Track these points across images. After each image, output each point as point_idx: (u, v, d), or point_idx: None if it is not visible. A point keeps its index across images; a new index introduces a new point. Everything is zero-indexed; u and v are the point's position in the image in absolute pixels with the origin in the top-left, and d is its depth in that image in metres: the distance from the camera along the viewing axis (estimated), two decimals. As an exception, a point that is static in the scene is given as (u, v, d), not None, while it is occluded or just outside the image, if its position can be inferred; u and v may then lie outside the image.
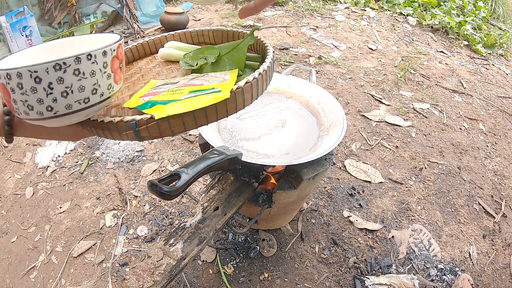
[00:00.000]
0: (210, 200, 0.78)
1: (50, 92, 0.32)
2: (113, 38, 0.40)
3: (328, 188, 1.35)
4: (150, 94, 0.42)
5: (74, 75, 0.33)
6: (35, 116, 0.33)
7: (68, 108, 0.34)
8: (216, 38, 0.60)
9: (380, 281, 1.02)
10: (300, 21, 2.81)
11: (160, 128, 0.35)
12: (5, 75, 0.31)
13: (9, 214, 1.27)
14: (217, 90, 0.38)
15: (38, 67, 0.31)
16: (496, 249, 1.20)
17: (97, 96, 0.35)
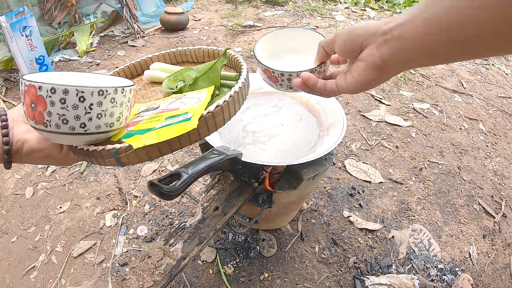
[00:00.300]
0: (210, 200, 0.78)
1: (89, 111, 0.37)
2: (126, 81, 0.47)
3: (328, 188, 1.35)
4: (133, 123, 0.46)
5: (110, 102, 0.38)
6: (65, 130, 0.37)
7: (97, 128, 0.38)
8: (198, 57, 0.64)
9: (380, 281, 1.02)
10: (300, 21, 2.81)
11: (138, 155, 0.39)
12: (49, 88, 0.35)
13: (9, 214, 1.27)
14: (187, 117, 0.42)
15: (85, 88, 0.35)
16: (496, 249, 1.20)
17: (118, 123, 0.41)
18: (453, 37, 0.29)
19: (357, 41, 0.37)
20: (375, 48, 0.35)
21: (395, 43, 0.33)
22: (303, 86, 0.48)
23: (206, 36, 2.56)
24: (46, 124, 0.36)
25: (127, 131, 0.44)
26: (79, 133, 0.38)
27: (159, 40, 2.52)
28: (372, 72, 0.37)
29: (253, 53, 0.56)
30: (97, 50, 2.38)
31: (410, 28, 0.32)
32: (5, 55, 2.06)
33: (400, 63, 0.34)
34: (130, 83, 0.45)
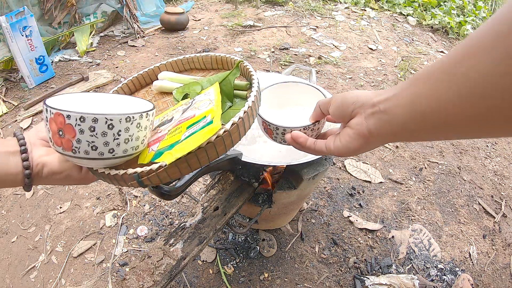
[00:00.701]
0: (210, 200, 0.78)
1: (117, 138, 0.38)
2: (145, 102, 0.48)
3: (328, 188, 1.35)
4: (156, 141, 0.47)
5: (136, 127, 0.40)
6: (94, 156, 0.38)
7: (124, 152, 0.40)
8: (206, 64, 0.64)
9: (380, 281, 1.02)
10: (300, 21, 2.81)
11: (159, 176, 0.40)
12: (78, 117, 0.36)
13: (9, 214, 1.27)
14: (208, 121, 0.43)
15: (114, 116, 0.37)
16: (496, 249, 1.20)
17: (142, 146, 0.43)
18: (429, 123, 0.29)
19: (349, 108, 0.40)
20: (363, 118, 0.38)
21: (381, 116, 0.35)
22: (294, 143, 0.50)
23: (206, 36, 2.56)
24: (74, 151, 0.38)
25: (152, 150, 0.45)
26: (107, 157, 0.39)
27: (159, 40, 2.52)
28: (359, 141, 0.39)
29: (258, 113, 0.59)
30: (97, 50, 2.38)
31: (394, 104, 0.33)
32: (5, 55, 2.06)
33: (385, 136, 0.36)
34: (150, 106, 0.46)
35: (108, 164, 0.42)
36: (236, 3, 3.10)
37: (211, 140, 0.41)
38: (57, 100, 0.42)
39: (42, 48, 1.95)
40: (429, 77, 0.29)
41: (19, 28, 1.80)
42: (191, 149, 0.39)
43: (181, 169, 0.41)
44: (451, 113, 0.27)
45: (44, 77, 2.03)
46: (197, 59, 0.64)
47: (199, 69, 0.66)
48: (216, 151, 0.42)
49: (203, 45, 2.42)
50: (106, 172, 0.42)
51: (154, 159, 0.42)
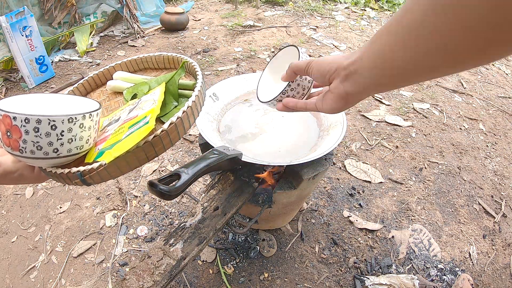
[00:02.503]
0: (210, 200, 0.78)
1: (60, 138, 0.40)
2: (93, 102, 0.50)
3: (328, 188, 1.35)
4: (102, 140, 0.49)
5: (79, 127, 0.41)
6: (39, 155, 0.40)
7: (68, 152, 0.42)
8: (159, 63, 0.67)
9: (380, 281, 1.02)
10: (300, 21, 2.81)
11: (100, 175, 0.42)
12: (23, 118, 0.37)
13: (9, 214, 1.27)
14: (146, 121, 0.44)
15: (56, 117, 0.39)
16: (496, 249, 1.20)
17: (87, 145, 0.45)
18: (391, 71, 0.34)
19: (326, 76, 0.45)
20: (339, 82, 0.42)
21: (354, 77, 0.40)
22: (287, 109, 0.56)
23: (206, 36, 2.56)
24: (21, 151, 0.39)
25: (98, 150, 0.47)
26: (53, 157, 0.41)
27: (159, 40, 2.52)
28: (340, 102, 0.44)
29: None
30: (97, 50, 2.38)
31: (360, 64, 0.38)
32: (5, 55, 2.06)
33: (361, 92, 0.41)
34: (96, 106, 0.48)
35: (55, 163, 0.44)
36: (236, 3, 3.10)
37: (148, 140, 0.43)
38: (9, 101, 0.44)
39: (42, 48, 1.95)
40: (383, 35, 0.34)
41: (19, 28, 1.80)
42: (128, 148, 0.41)
43: (121, 167, 0.43)
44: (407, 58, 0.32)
45: (44, 77, 2.03)
46: (151, 59, 0.66)
47: (153, 68, 0.68)
48: (155, 150, 0.44)
49: (203, 45, 2.42)
50: (53, 171, 0.44)
51: (97, 158, 0.44)
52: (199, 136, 0.97)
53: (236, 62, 2.19)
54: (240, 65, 2.16)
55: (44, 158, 0.41)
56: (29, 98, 0.47)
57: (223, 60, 2.23)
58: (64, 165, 0.47)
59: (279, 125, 0.95)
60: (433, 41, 0.28)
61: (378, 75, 0.36)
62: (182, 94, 0.57)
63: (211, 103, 0.96)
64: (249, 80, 1.06)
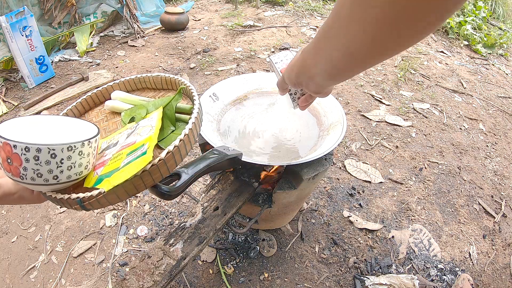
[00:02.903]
0: (210, 200, 0.78)
1: (60, 165, 0.41)
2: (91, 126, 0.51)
3: (328, 188, 1.35)
4: (100, 165, 0.49)
5: (78, 155, 0.43)
6: (39, 182, 0.41)
7: (68, 178, 0.43)
8: (157, 84, 0.67)
9: (380, 281, 1.02)
10: (300, 21, 2.81)
11: (99, 201, 0.43)
12: (23, 147, 0.38)
13: (9, 214, 1.27)
14: (144, 151, 0.45)
15: (56, 146, 0.40)
16: (496, 249, 1.20)
17: (86, 171, 0.46)
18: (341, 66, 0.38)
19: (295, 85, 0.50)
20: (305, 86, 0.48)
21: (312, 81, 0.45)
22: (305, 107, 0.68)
23: (206, 36, 2.56)
24: (22, 177, 0.40)
25: (96, 174, 0.48)
26: (52, 183, 0.42)
27: (159, 40, 2.52)
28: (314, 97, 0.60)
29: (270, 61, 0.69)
30: (97, 50, 2.38)
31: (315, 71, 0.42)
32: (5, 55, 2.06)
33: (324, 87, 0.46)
34: (94, 132, 0.49)
35: (54, 188, 0.45)
36: (236, 3, 3.10)
37: (146, 169, 0.44)
38: (9, 125, 0.45)
39: (42, 48, 1.95)
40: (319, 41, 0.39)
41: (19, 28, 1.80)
42: (126, 178, 0.42)
43: (119, 195, 0.44)
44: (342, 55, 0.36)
45: (44, 77, 2.03)
46: (148, 79, 0.67)
47: (151, 88, 0.69)
48: (152, 178, 0.45)
49: (203, 45, 2.42)
50: (53, 195, 0.45)
51: (96, 184, 0.45)
52: (199, 136, 0.97)
53: (236, 62, 2.19)
54: (240, 65, 2.16)
55: (44, 185, 0.42)
56: (27, 121, 0.48)
57: (223, 60, 2.23)
58: (63, 190, 0.48)
59: (279, 125, 0.95)
60: None
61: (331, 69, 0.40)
62: (179, 118, 0.57)
63: (211, 103, 0.96)
64: (249, 80, 1.06)
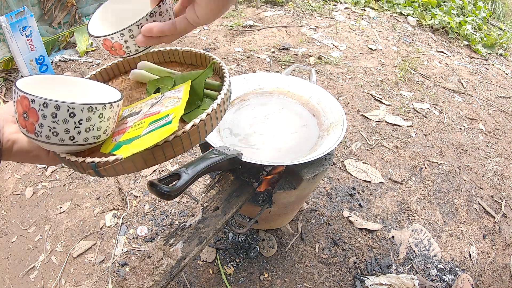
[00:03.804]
0: (210, 200, 0.78)
1: (78, 126, 0.39)
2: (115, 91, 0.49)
3: (328, 188, 1.35)
4: (120, 132, 0.48)
5: (98, 117, 0.41)
6: (54, 141, 0.39)
7: (85, 140, 0.41)
8: (186, 58, 0.65)
9: (380, 281, 1.02)
10: (300, 21, 2.81)
11: (115, 168, 0.41)
12: (42, 102, 0.37)
13: (9, 214, 1.27)
14: (169, 120, 0.43)
15: (76, 105, 0.38)
16: (496, 249, 1.20)
17: (104, 135, 0.44)
18: None
19: None
20: None
21: None
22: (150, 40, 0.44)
23: (206, 36, 2.56)
24: (37, 134, 0.39)
25: (115, 141, 0.46)
26: (68, 144, 0.40)
27: (159, 40, 2.52)
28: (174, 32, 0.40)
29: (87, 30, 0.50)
30: (97, 50, 2.38)
31: None
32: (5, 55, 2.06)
33: None
34: (118, 96, 0.46)
35: (69, 150, 0.43)
36: (236, 3, 3.10)
37: (168, 140, 0.41)
38: (29, 81, 0.43)
39: (42, 48, 1.95)
40: None
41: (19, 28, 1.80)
42: (147, 146, 0.40)
43: (136, 164, 0.42)
44: None
45: (44, 77, 2.03)
46: (178, 53, 0.65)
47: (179, 63, 0.66)
48: (174, 150, 0.43)
49: (203, 45, 2.42)
50: (67, 157, 0.43)
51: (114, 150, 0.43)
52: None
53: (236, 62, 2.19)
54: (240, 65, 2.16)
55: (58, 144, 0.40)
56: (49, 79, 0.46)
57: (223, 60, 2.23)
58: (78, 153, 0.46)
59: (279, 125, 0.95)
60: None
61: None
62: (206, 94, 0.55)
63: (211, 103, 0.96)
64: (249, 80, 1.06)
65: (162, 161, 0.43)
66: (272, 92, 1.06)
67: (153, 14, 0.44)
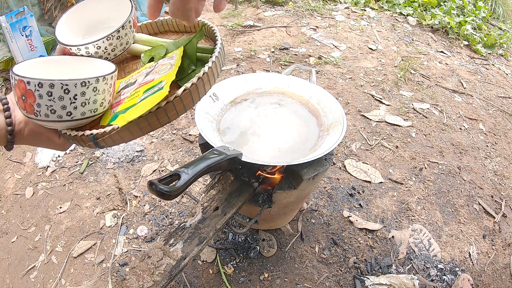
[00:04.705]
0: (210, 200, 0.78)
1: (73, 101, 0.41)
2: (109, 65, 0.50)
3: (328, 188, 1.35)
4: (117, 103, 0.49)
5: (93, 91, 0.42)
6: (53, 118, 0.41)
7: (82, 115, 0.43)
8: (180, 27, 0.66)
9: (380, 281, 1.02)
10: (300, 21, 2.81)
11: (113, 138, 0.43)
12: (36, 83, 0.38)
13: (9, 214, 1.27)
14: (161, 87, 0.44)
15: (69, 82, 0.40)
16: (496, 249, 1.20)
17: (101, 108, 0.45)
18: None
19: None
20: None
21: None
22: None
23: (206, 36, 2.56)
24: (36, 114, 0.41)
25: (113, 112, 0.47)
26: (66, 120, 0.42)
27: (159, 40, 2.52)
28: None
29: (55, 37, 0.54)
30: (97, 50, 2.38)
31: None
32: (5, 55, 2.06)
33: None
34: (111, 69, 0.48)
35: (70, 126, 0.45)
36: (236, 3, 3.10)
37: (161, 105, 0.43)
38: (24, 65, 0.45)
39: (42, 48, 1.95)
40: None
41: (19, 28, 1.80)
42: (141, 113, 0.41)
43: (133, 132, 0.43)
44: None
45: (44, 77, 2.03)
46: (171, 21, 0.66)
47: (173, 31, 0.67)
48: (167, 115, 0.44)
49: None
50: (67, 133, 0.45)
51: (111, 121, 0.45)
52: (199, 136, 0.97)
53: (236, 62, 2.19)
54: (240, 65, 2.16)
55: (58, 121, 0.42)
56: (45, 61, 0.48)
57: (223, 60, 2.23)
58: (79, 127, 0.47)
59: (279, 125, 0.95)
60: None
61: None
62: (200, 57, 0.56)
63: (211, 103, 0.96)
64: (249, 80, 1.06)
65: (157, 127, 0.45)
66: (272, 92, 1.06)
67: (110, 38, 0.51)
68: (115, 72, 0.47)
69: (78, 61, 0.52)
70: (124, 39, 0.53)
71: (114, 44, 0.52)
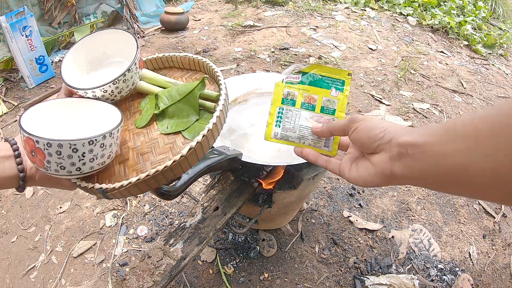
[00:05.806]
0: (210, 200, 0.78)
1: (82, 158, 0.43)
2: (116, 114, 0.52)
3: (328, 188, 1.35)
4: None
5: (100, 147, 0.44)
6: (63, 174, 0.43)
7: (91, 169, 0.45)
8: (184, 64, 0.67)
9: (380, 281, 1.02)
10: (300, 21, 2.81)
11: (121, 193, 0.45)
12: (45, 143, 0.40)
13: (9, 214, 1.27)
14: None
15: (77, 141, 0.41)
16: (496, 249, 1.20)
17: (109, 160, 0.47)
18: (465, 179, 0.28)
19: (374, 142, 0.37)
20: (389, 158, 0.36)
21: (408, 161, 0.33)
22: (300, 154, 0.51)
23: (206, 36, 2.56)
24: (46, 169, 0.42)
25: None
26: (76, 174, 0.44)
27: (159, 40, 2.52)
28: (379, 178, 0.37)
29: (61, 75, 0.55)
30: (97, 50, 2.38)
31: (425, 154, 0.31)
32: (5, 55, 2.06)
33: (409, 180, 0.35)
34: (117, 120, 0.49)
35: (80, 177, 0.47)
36: (236, 3, 3.10)
37: (167, 165, 0.44)
38: (31, 117, 0.46)
39: (42, 48, 1.95)
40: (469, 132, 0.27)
41: (19, 28, 1.80)
42: None
43: (141, 188, 0.45)
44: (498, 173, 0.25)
45: (44, 77, 2.03)
46: (176, 59, 0.66)
47: (178, 68, 0.68)
48: (173, 173, 0.46)
49: (203, 45, 2.42)
50: (78, 183, 0.48)
51: None
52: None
53: (236, 62, 2.19)
54: (240, 65, 2.16)
55: (68, 175, 0.44)
56: (49, 108, 0.49)
57: (223, 60, 2.23)
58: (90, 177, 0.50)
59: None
60: None
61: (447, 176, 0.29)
62: (202, 105, 0.56)
63: (211, 103, 0.96)
64: (249, 80, 1.06)
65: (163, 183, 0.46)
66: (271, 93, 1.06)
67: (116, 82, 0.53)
68: (121, 124, 0.48)
69: (85, 103, 0.53)
70: (130, 81, 0.55)
71: (121, 87, 0.54)
